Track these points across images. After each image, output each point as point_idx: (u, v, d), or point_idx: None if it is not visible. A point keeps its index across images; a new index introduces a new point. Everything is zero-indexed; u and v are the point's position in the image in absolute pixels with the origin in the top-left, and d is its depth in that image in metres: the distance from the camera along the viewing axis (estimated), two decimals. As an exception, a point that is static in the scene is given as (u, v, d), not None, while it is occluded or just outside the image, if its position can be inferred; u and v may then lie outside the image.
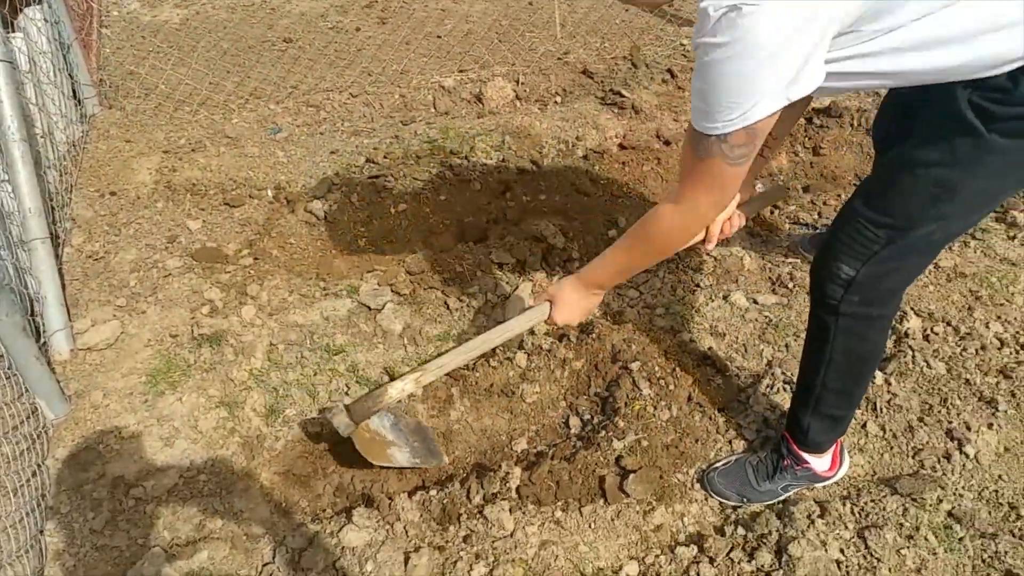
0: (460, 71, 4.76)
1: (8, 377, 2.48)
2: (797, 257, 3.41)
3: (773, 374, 2.84)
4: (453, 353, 2.42)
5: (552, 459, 2.56)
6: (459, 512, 2.41)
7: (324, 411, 2.42)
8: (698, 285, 3.25)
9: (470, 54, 5.02)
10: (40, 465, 2.45)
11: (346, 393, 2.82)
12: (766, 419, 2.71)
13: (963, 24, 1.56)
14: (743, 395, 2.81)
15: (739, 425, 2.70)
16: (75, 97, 4.04)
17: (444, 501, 2.44)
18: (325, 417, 2.53)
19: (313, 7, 5.99)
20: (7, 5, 3.41)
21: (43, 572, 2.23)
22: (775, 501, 2.47)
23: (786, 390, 2.76)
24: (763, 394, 2.78)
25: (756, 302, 3.19)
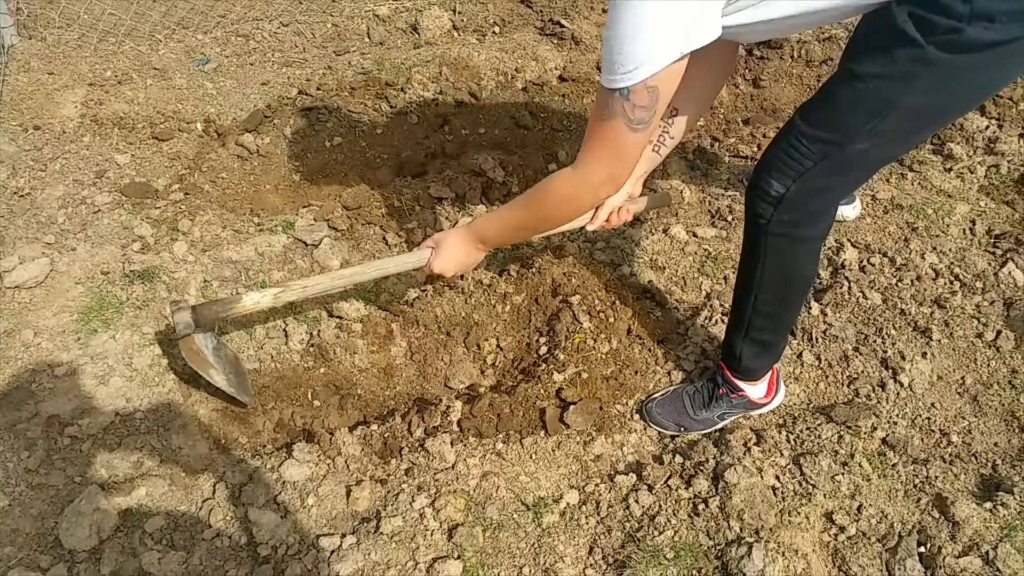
0: None
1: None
2: (736, 190, 3.43)
3: (711, 306, 2.87)
4: (320, 277, 2.40)
5: (493, 392, 2.57)
6: (400, 446, 2.41)
7: (172, 303, 2.34)
8: (638, 218, 3.25)
9: (405, -18, 4.91)
10: (-31, 406, 2.39)
11: (284, 331, 2.79)
12: (704, 351, 2.74)
13: None
14: (682, 327, 2.83)
15: (678, 357, 2.73)
16: (-9, 27, 3.87)
17: (385, 435, 2.44)
18: (169, 310, 2.45)
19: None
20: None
21: (-25, 513, 2.19)
22: (712, 429, 2.50)
23: (724, 322, 2.79)
24: (701, 326, 2.80)
25: (696, 235, 3.20)
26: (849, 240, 3.12)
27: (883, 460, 2.37)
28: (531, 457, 2.42)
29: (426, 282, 3.04)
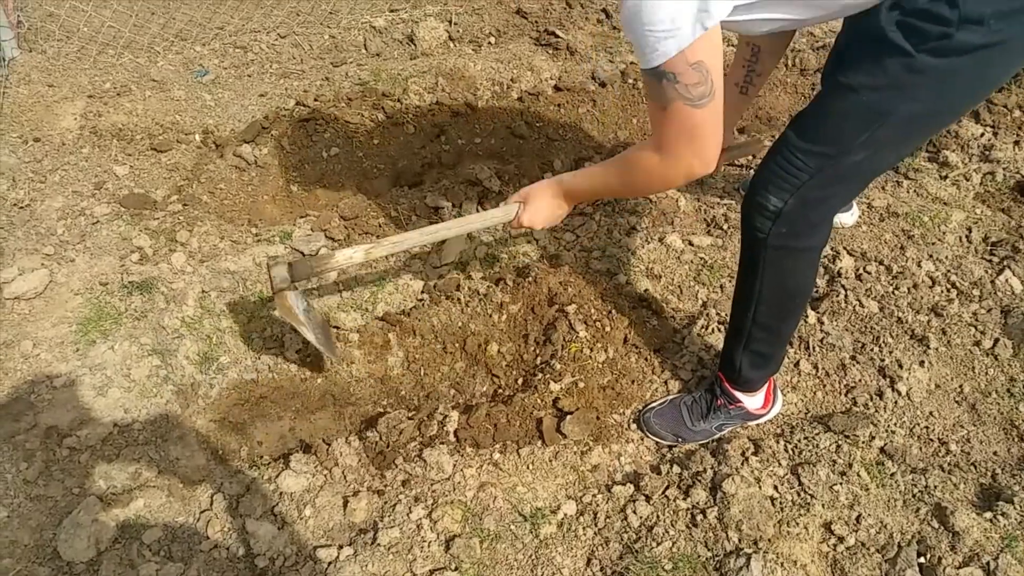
0: (391, 10, 4.65)
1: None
2: (732, 199, 3.43)
3: (708, 315, 2.87)
4: (411, 233, 2.43)
5: (490, 402, 2.57)
6: (397, 456, 2.41)
7: (270, 258, 2.38)
8: (634, 227, 3.26)
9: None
10: (-33, 418, 2.39)
11: (280, 341, 2.79)
12: (701, 359, 2.74)
13: None
14: (678, 336, 2.83)
15: (674, 366, 2.73)
16: (-8, 39, 3.88)
17: (382, 446, 2.44)
18: (267, 264, 2.48)
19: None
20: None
21: (-27, 524, 2.19)
22: (709, 440, 2.50)
23: (720, 330, 2.79)
24: (698, 335, 2.81)
25: (691, 244, 3.20)
26: (845, 248, 3.12)
27: (881, 469, 2.37)
28: (528, 467, 2.42)
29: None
